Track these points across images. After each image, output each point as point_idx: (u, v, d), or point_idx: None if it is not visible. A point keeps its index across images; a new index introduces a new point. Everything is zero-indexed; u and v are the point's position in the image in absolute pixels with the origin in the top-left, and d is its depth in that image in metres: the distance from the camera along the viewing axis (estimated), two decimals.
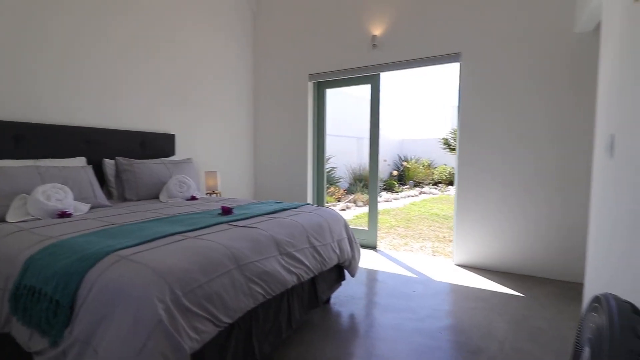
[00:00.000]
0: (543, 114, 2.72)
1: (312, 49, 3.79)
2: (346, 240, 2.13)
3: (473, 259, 3.00)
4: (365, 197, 7.54)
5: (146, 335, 0.92)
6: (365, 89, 3.66)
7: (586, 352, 1.09)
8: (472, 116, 2.99)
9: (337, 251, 1.98)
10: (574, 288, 2.50)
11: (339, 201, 6.98)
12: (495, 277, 2.76)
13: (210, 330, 1.10)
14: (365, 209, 6.37)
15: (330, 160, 8.16)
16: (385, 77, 3.97)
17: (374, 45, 3.40)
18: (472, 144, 2.99)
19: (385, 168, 10.71)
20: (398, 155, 11.54)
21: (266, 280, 1.37)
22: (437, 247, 3.83)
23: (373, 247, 3.60)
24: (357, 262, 2.25)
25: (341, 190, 7.52)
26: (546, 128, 2.71)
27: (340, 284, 2.25)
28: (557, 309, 2.18)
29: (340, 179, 8.23)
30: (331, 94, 4.04)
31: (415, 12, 3.22)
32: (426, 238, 4.24)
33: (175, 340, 0.96)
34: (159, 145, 3.07)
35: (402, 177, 10.45)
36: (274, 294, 1.45)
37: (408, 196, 8.46)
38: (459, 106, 3.07)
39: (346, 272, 2.27)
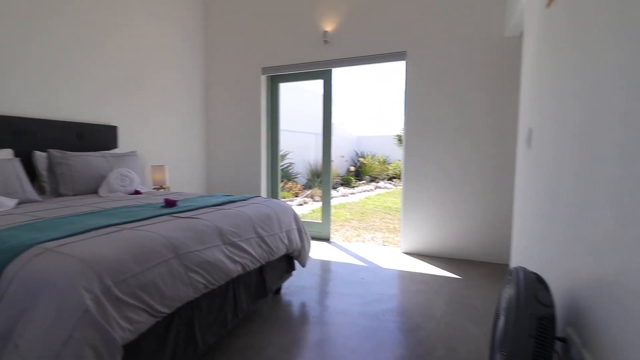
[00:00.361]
0: (481, 110, 2.94)
1: (265, 43, 3.77)
2: (295, 231, 2.17)
3: (418, 246, 3.18)
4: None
5: (72, 326, 0.88)
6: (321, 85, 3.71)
7: (501, 320, 1.23)
8: (417, 111, 3.16)
9: (286, 241, 2.02)
10: (507, 269, 2.76)
11: (296, 196, 7.01)
12: (438, 262, 2.96)
13: (145, 320, 1.08)
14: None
15: (288, 156, 8.16)
16: (343, 74, 4.05)
17: (326, 41, 3.46)
18: (418, 138, 3.17)
19: (342, 164, 10.92)
20: (355, 151, 11.82)
21: (208, 270, 1.37)
22: (387, 237, 4.01)
23: (326, 239, 3.68)
24: (307, 252, 2.30)
25: (299, 186, 7.56)
26: (484, 123, 2.94)
27: (290, 274, 2.29)
28: (490, 288, 2.39)
29: (298, 174, 8.27)
30: (288, 89, 4.04)
31: (364, 10, 3.32)
32: (378, 229, 4.42)
33: (105, 330, 0.93)
34: (99, 137, 2.89)
35: (359, 173, 10.72)
36: (217, 284, 1.44)
37: (364, 191, 8.71)
38: (405, 102, 3.23)
39: (297, 263, 2.31)
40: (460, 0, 2.95)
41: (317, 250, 3.26)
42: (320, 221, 3.77)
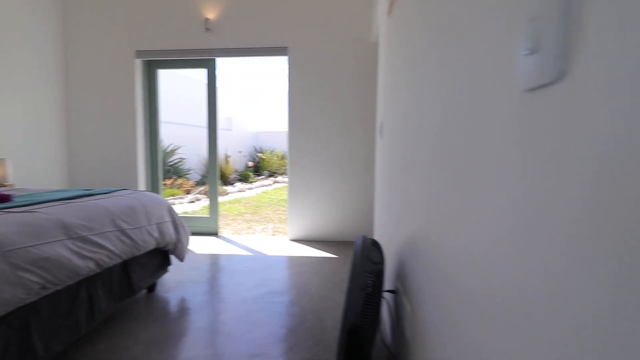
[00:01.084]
0: (355, 107, 3.26)
1: (140, 24, 3.44)
2: (169, 224, 2.07)
3: (303, 233, 3.38)
4: (219, 188, 7.39)
5: None
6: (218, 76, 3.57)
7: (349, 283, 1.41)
8: (299, 107, 3.33)
9: (156, 234, 1.91)
10: None
11: (188, 193, 6.61)
12: (320, 245, 3.19)
13: None
14: (219, 199, 6.26)
15: (178, 151, 7.61)
16: (241, 68, 3.95)
17: (208, 29, 3.35)
18: (300, 133, 3.34)
19: (240, 159, 10.71)
20: (254, 146, 11.72)
21: (46, 268, 1.21)
22: (278, 227, 4.13)
23: (215, 234, 3.60)
24: (184, 246, 2.22)
25: (191, 182, 7.14)
26: (357, 118, 3.27)
27: (166, 270, 2.18)
28: None
29: (190, 170, 7.79)
30: (177, 78, 3.77)
31: (247, 0, 3.33)
32: (270, 221, 4.51)
33: None
34: None
35: (258, 168, 10.68)
36: (62, 284, 1.30)
37: (262, 186, 8.73)
38: (289, 97, 3.36)
39: (175, 258, 2.21)
40: (335, 5, 3.21)
41: (202, 245, 3.16)
42: (208, 215, 3.65)
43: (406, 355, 1.19)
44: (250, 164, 10.68)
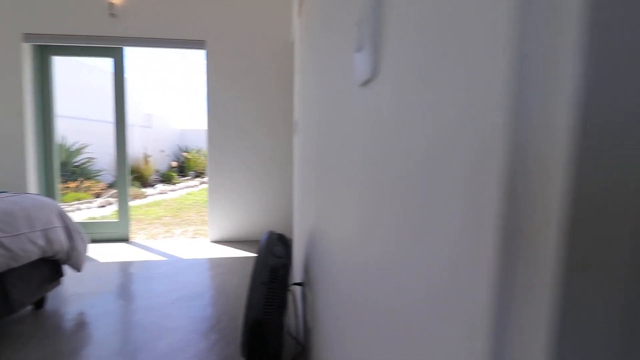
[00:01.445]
0: (277, 105, 3.26)
1: (29, 3, 2.99)
2: (60, 230, 1.84)
3: (226, 234, 3.28)
4: (136, 190, 6.79)
5: None
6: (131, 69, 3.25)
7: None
8: (219, 103, 3.22)
9: (41, 242, 1.68)
10: None
11: (97, 197, 5.94)
12: (242, 245, 3.13)
13: None
14: (136, 202, 5.75)
15: (86, 150, 6.79)
16: (163, 61, 3.64)
17: (113, 15, 3.05)
18: (220, 130, 3.23)
19: (163, 159, 9.98)
20: (178, 145, 11.02)
21: None
22: (200, 229, 3.94)
23: (125, 240, 3.29)
24: (81, 255, 1.99)
25: (101, 185, 6.44)
26: (280, 116, 3.27)
27: (58, 282, 1.93)
28: None
29: (101, 171, 7.01)
30: (84, 69, 3.34)
31: None
32: (192, 223, 4.29)
33: None
34: None
35: (183, 168, 10.06)
36: None
37: (187, 187, 8.25)
38: (207, 93, 3.23)
39: (71, 268, 1.97)
40: (255, 1, 3.17)
41: (109, 253, 2.88)
42: (117, 220, 3.33)
43: (309, 344, 1.23)
44: (174, 164, 10.01)
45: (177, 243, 3.28)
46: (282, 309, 1.27)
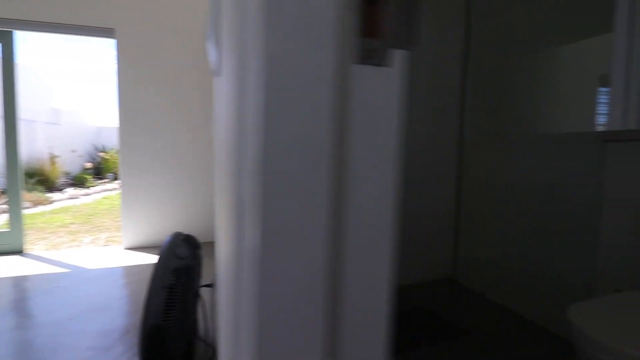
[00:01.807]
0: (198, 101, 3.10)
1: None
2: None
3: (142, 239, 3.04)
4: (39, 195, 5.96)
5: None
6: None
7: None
8: (131, 98, 2.97)
9: None
10: None
11: None
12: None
13: None
14: (37, 209, 5.03)
15: None
16: (75, 51, 3.17)
17: None
18: (134, 127, 2.99)
19: (74, 160, 8.90)
20: (94, 145, 9.92)
21: None
22: (113, 236, 3.60)
23: (18, 252, 2.87)
24: None
25: None
26: (200, 112, 3.12)
27: None
28: (205, 265, 2.60)
29: None
30: None
31: None
32: (105, 230, 3.90)
33: None
34: None
35: (100, 170, 9.08)
36: None
37: (104, 190, 7.48)
38: (118, 87, 2.95)
39: None
40: None
41: None
42: (9, 230, 2.89)
43: (217, 346, 1.20)
44: (89, 165, 9.00)
45: (85, 252, 2.95)
46: (188, 312, 1.21)
